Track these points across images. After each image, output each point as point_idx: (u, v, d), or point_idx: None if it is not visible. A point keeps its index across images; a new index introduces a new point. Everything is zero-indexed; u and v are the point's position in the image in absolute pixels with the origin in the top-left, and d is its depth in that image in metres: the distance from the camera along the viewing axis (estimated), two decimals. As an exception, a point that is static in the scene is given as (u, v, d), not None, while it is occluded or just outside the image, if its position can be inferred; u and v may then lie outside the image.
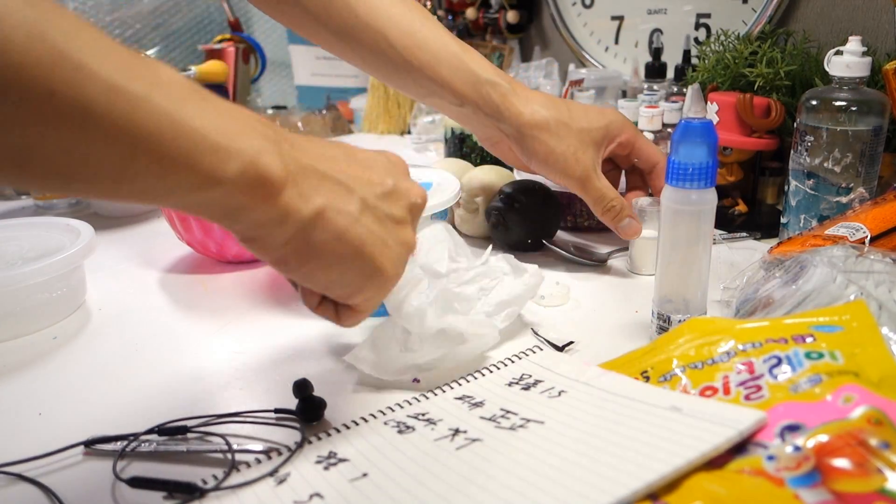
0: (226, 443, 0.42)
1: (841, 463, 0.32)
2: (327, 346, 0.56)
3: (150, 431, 0.44)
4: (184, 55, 1.64)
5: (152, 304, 0.66)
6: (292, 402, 0.46)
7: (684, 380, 0.42)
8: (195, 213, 0.35)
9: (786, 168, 0.70)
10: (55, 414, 0.48)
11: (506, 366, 0.49)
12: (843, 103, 0.64)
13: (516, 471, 0.36)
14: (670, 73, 1.03)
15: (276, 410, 0.46)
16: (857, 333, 0.39)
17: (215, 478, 0.39)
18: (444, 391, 0.47)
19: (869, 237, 0.55)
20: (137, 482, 0.39)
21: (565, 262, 0.71)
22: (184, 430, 0.44)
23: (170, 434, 0.44)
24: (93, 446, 0.43)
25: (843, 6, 0.88)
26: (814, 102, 0.66)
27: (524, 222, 0.71)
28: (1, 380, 0.53)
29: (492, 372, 0.49)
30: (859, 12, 0.86)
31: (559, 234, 0.77)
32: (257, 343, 0.57)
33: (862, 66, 0.63)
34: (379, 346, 0.50)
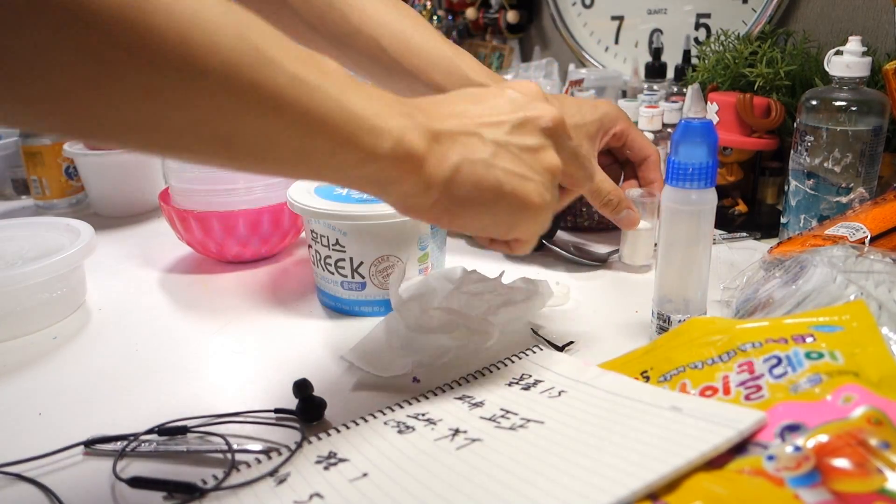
0: (226, 443, 0.42)
1: (841, 463, 0.32)
2: (327, 346, 0.56)
3: (150, 431, 0.44)
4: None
5: (152, 304, 0.66)
6: (292, 402, 0.46)
7: (684, 380, 0.42)
8: (355, 186, 0.39)
9: (786, 168, 0.70)
10: (55, 414, 0.48)
11: (506, 366, 0.49)
12: (843, 103, 0.64)
13: (516, 471, 0.36)
14: (670, 73, 1.03)
15: (276, 410, 0.46)
16: (857, 333, 0.39)
17: (215, 478, 0.39)
18: (444, 391, 0.47)
19: (869, 237, 0.55)
20: (137, 482, 0.39)
21: (565, 262, 0.71)
22: (184, 430, 0.44)
23: (170, 434, 0.44)
24: (93, 446, 0.43)
25: (843, 6, 0.88)
26: (814, 102, 0.66)
27: (524, 222, 0.71)
28: (1, 380, 0.53)
29: (492, 372, 0.49)
30: (859, 12, 0.86)
31: (559, 234, 0.77)
32: (257, 343, 0.57)
33: (862, 66, 0.63)
34: (378, 344, 0.50)
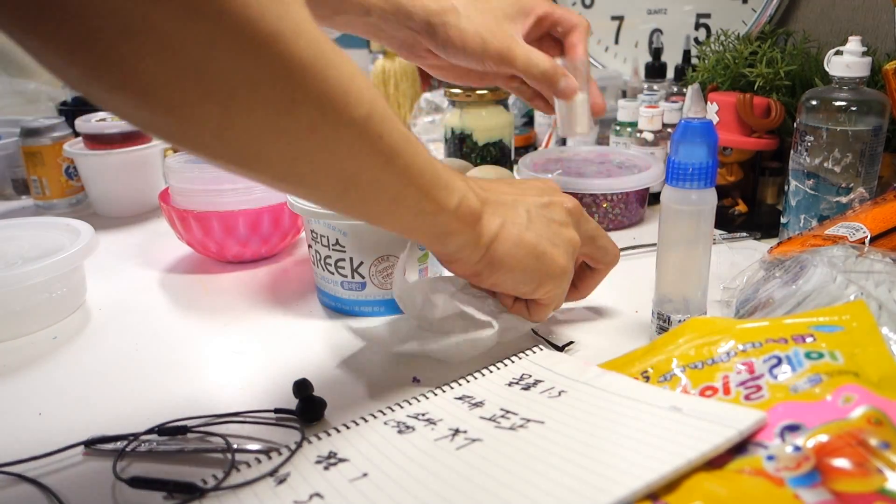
0: (226, 443, 0.42)
1: (841, 463, 0.32)
2: (327, 346, 0.56)
3: (150, 431, 0.44)
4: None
5: (152, 304, 0.66)
6: (292, 402, 0.46)
7: (684, 380, 0.42)
8: (422, 234, 0.45)
9: (786, 168, 0.70)
10: (55, 414, 0.48)
11: (506, 366, 0.49)
12: (843, 103, 0.64)
13: (516, 471, 0.36)
14: (670, 73, 1.03)
15: (276, 410, 0.46)
16: (857, 333, 0.39)
17: (215, 478, 0.39)
18: (444, 391, 0.47)
19: (869, 237, 0.55)
20: (137, 482, 0.39)
21: (565, 262, 0.71)
22: (184, 430, 0.44)
23: (170, 434, 0.44)
24: (93, 446, 0.43)
25: (843, 6, 0.88)
26: (814, 102, 0.66)
27: (524, 222, 0.71)
28: (1, 380, 0.53)
29: (492, 372, 0.49)
30: (859, 12, 0.86)
31: (559, 234, 0.77)
32: (257, 343, 0.57)
33: (862, 66, 0.63)
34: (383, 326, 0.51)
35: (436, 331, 0.52)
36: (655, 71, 1.02)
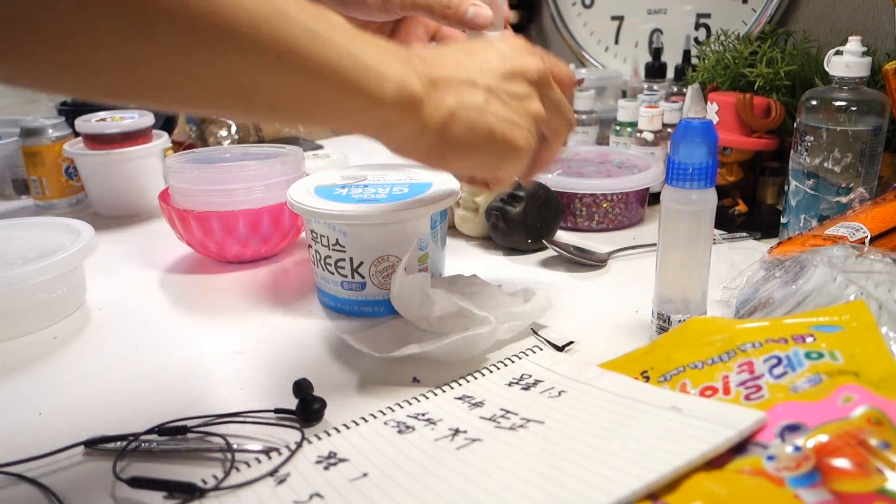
0: (226, 443, 0.42)
1: (841, 463, 0.32)
2: (327, 346, 0.56)
3: (150, 431, 0.44)
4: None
5: (152, 304, 0.66)
6: (292, 402, 0.46)
7: (684, 380, 0.42)
8: (359, 130, 0.41)
9: (786, 168, 0.70)
10: (55, 414, 0.48)
11: (506, 366, 0.49)
12: (843, 103, 0.64)
13: (516, 471, 0.36)
14: (670, 73, 1.03)
15: (276, 410, 0.46)
16: (857, 333, 0.39)
17: (215, 478, 0.39)
18: (444, 391, 0.47)
19: (869, 237, 0.55)
20: (137, 482, 0.39)
21: (565, 262, 0.71)
22: (184, 430, 0.44)
23: (170, 434, 0.44)
24: (93, 446, 0.43)
25: (843, 6, 0.88)
26: (814, 102, 0.66)
27: (524, 222, 0.71)
28: (1, 380, 0.53)
29: (492, 372, 0.49)
30: (859, 12, 0.86)
31: (559, 234, 0.77)
32: (257, 343, 0.57)
33: (862, 66, 0.63)
34: (380, 330, 0.50)
35: (434, 330, 0.52)
36: (655, 71, 1.02)
